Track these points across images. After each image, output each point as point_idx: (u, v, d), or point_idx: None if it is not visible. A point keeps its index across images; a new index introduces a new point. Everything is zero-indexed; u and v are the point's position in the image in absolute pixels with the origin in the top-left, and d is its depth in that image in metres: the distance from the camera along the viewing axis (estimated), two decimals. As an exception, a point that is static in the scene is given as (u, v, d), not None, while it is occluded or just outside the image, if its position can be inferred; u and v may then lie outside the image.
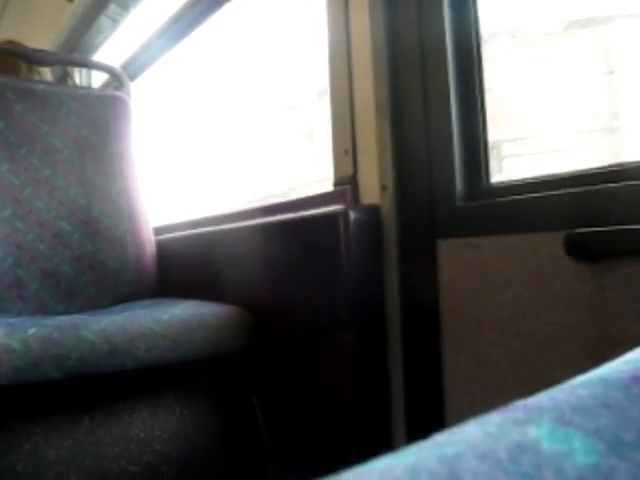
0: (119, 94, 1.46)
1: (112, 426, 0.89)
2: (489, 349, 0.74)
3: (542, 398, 0.20)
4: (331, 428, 0.88)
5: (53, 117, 1.33)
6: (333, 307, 0.86)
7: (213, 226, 1.24)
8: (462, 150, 0.83)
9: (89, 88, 2.02)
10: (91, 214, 1.30)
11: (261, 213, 1.14)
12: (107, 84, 2.06)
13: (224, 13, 1.52)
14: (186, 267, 1.32)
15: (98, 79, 2.36)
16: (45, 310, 1.18)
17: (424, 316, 0.83)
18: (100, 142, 1.37)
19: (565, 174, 0.73)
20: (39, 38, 2.25)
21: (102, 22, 2.18)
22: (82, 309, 1.23)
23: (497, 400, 0.23)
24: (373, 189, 0.90)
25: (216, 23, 1.59)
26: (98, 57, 2.38)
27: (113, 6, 2.09)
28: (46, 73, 1.70)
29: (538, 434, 0.17)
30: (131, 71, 1.84)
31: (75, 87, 1.71)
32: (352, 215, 0.84)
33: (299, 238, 0.94)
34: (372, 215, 0.88)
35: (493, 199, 0.78)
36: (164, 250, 1.38)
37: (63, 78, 2.20)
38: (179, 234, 1.39)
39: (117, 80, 1.54)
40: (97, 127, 1.38)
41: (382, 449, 0.19)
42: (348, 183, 0.94)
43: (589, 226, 0.63)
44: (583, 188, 0.66)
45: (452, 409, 0.79)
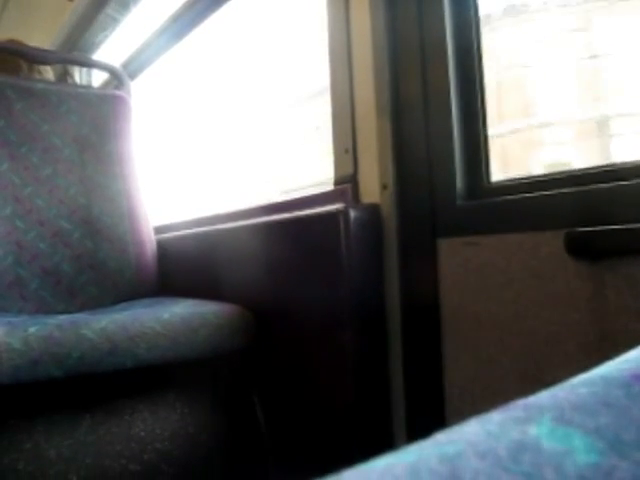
0: (119, 93, 1.46)
1: (113, 425, 0.89)
2: (489, 348, 0.74)
3: (542, 397, 0.20)
4: (332, 427, 0.88)
5: (53, 116, 1.33)
6: (333, 306, 0.86)
7: (213, 225, 1.24)
8: (462, 149, 0.83)
9: (89, 87, 2.02)
10: (91, 213, 1.30)
11: (261, 212, 1.14)
12: (107, 83, 2.06)
13: (225, 11, 1.52)
14: (186, 266, 1.32)
15: (98, 78, 2.35)
16: (45, 309, 1.18)
17: (424, 315, 0.83)
18: (100, 141, 1.37)
19: (566, 173, 0.73)
20: (39, 37, 2.25)
21: (102, 21, 2.18)
22: (82, 308, 1.23)
23: (497, 399, 0.23)
24: (373, 188, 0.90)
25: (217, 22, 1.59)
26: (98, 56, 2.38)
27: (113, 5, 2.09)
28: (47, 72, 1.70)
29: (538, 433, 0.17)
30: (131, 70, 1.84)
31: (75, 86, 1.71)
32: (352, 214, 0.84)
33: (299, 237, 0.94)
34: (372, 214, 0.88)
35: (493, 198, 0.78)
36: (164, 249, 1.38)
37: (63, 77, 2.20)
38: (179, 233, 1.39)
39: (117, 79, 1.54)
40: (97, 126, 1.38)
41: (383, 448, 0.19)
42: (348, 182, 0.94)
43: (590, 225, 0.63)
44: (584, 187, 0.66)
45: (452, 408, 0.79)
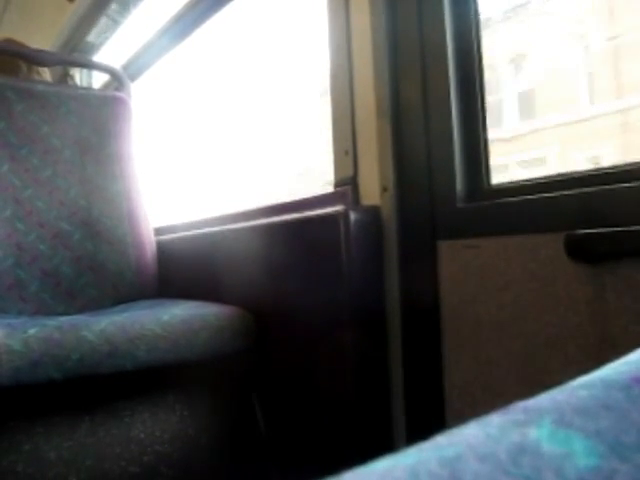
0: (119, 95, 1.46)
1: (112, 427, 0.89)
2: (489, 350, 0.74)
3: (542, 399, 0.20)
4: (331, 429, 0.88)
5: (53, 117, 1.33)
6: (334, 308, 0.86)
7: (213, 227, 1.24)
8: (463, 151, 0.83)
9: (89, 88, 2.02)
10: (91, 215, 1.30)
11: (262, 214, 1.14)
12: (107, 85, 2.07)
13: (226, 13, 1.52)
14: (186, 268, 1.32)
15: (99, 80, 2.36)
16: (45, 311, 1.18)
17: (424, 317, 0.83)
18: (100, 142, 1.37)
19: (565, 175, 0.73)
20: (40, 38, 2.25)
21: (103, 22, 2.18)
22: (82, 310, 1.23)
23: (497, 401, 0.23)
24: (373, 190, 0.90)
25: (217, 23, 1.59)
26: (99, 57, 2.39)
27: (114, 6, 2.09)
28: (45, 73, 1.70)
29: (539, 435, 0.17)
30: (131, 72, 1.84)
31: (75, 87, 1.71)
32: (352, 216, 0.84)
33: (299, 239, 0.94)
34: (372, 216, 0.88)
35: (493, 200, 0.78)
36: (164, 251, 1.38)
37: (64, 78, 2.20)
38: (179, 235, 1.39)
39: (117, 81, 1.54)
40: (97, 127, 1.38)
41: (382, 450, 0.19)
42: (348, 184, 0.94)
43: (590, 227, 0.63)
44: (584, 189, 0.66)
45: (452, 410, 0.79)
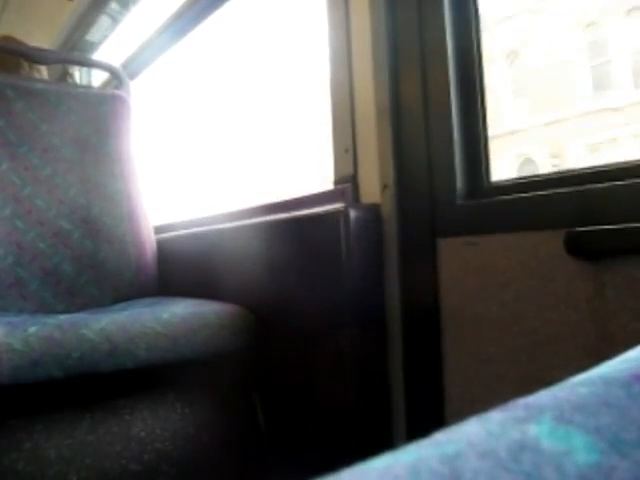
0: (119, 93, 1.46)
1: (113, 425, 0.89)
2: (489, 348, 0.74)
3: (543, 396, 0.20)
4: (331, 427, 0.88)
5: (53, 116, 1.33)
6: (333, 306, 0.86)
7: (213, 225, 1.24)
8: (462, 149, 0.83)
9: (89, 87, 2.02)
10: (91, 213, 1.30)
11: (261, 212, 1.14)
12: (107, 83, 2.06)
13: (225, 11, 1.52)
14: (187, 266, 1.32)
15: (98, 78, 2.36)
16: (45, 309, 1.18)
17: (424, 315, 0.83)
18: (100, 141, 1.37)
19: (566, 172, 0.73)
20: (39, 37, 2.25)
21: (102, 21, 2.18)
22: (82, 308, 1.23)
23: (497, 398, 0.23)
24: (373, 188, 0.90)
25: (217, 21, 1.58)
26: (98, 56, 2.38)
27: (113, 5, 2.09)
28: (43, 71, 1.70)
29: (539, 432, 0.17)
30: (131, 70, 1.84)
31: (75, 86, 1.71)
32: (352, 214, 0.84)
33: (299, 237, 0.94)
34: (372, 214, 0.88)
35: (493, 198, 0.78)
36: (164, 249, 1.38)
37: (63, 77, 2.20)
38: (180, 233, 1.39)
39: (117, 79, 1.54)
40: (97, 126, 1.38)
41: (383, 448, 0.19)
42: (348, 182, 0.94)
43: (590, 225, 0.63)
44: (584, 186, 0.66)
45: (452, 408, 0.79)
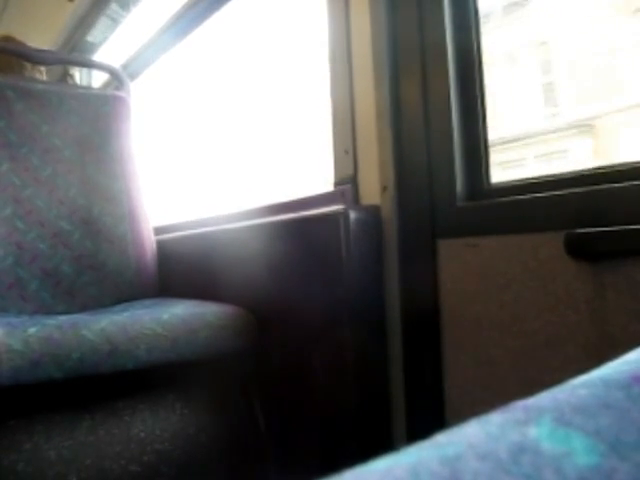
0: (119, 94, 1.46)
1: (112, 426, 0.89)
2: (489, 349, 0.74)
3: (542, 398, 0.20)
4: (331, 428, 0.88)
5: (53, 116, 1.33)
6: (333, 307, 0.86)
7: (213, 226, 1.24)
8: (462, 150, 0.83)
9: (89, 88, 2.02)
10: (91, 213, 1.30)
11: (261, 213, 1.14)
12: (107, 84, 2.07)
13: (225, 12, 1.52)
14: (187, 267, 1.32)
15: (98, 79, 2.36)
16: (45, 310, 1.18)
17: (424, 316, 0.83)
18: (100, 141, 1.37)
19: (565, 174, 0.73)
20: (40, 38, 2.25)
21: (102, 21, 2.18)
22: (82, 309, 1.23)
23: (497, 400, 0.23)
24: (373, 189, 0.90)
25: (217, 22, 1.59)
26: (98, 57, 2.39)
27: (113, 6, 2.09)
28: (43, 72, 1.70)
29: (539, 434, 0.17)
30: (131, 71, 1.84)
31: (75, 86, 1.71)
32: (352, 215, 0.84)
33: (299, 238, 0.94)
34: (372, 215, 0.88)
35: (493, 199, 0.78)
36: (165, 250, 1.38)
37: (63, 78, 2.20)
38: (180, 234, 1.39)
39: (117, 80, 1.54)
40: (97, 126, 1.38)
41: (383, 449, 0.19)
42: (348, 183, 0.94)
43: (589, 226, 0.63)
44: (583, 188, 0.66)
45: (452, 409, 0.79)
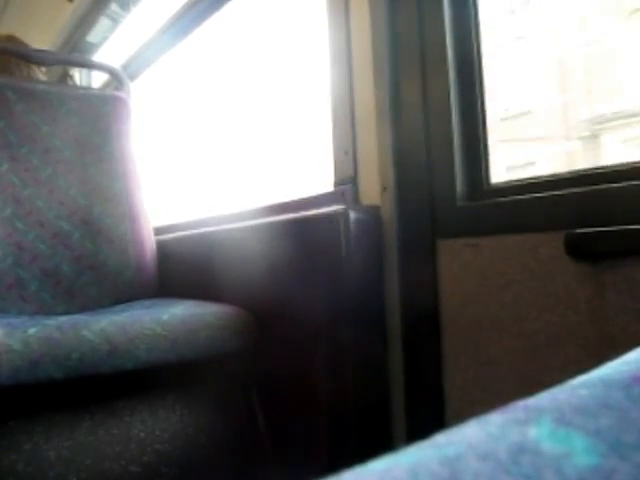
0: (119, 94, 1.46)
1: (112, 426, 0.89)
2: (489, 349, 0.74)
3: (543, 398, 0.20)
4: (331, 428, 0.88)
5: (53, 117, 1.33)
6: (333, 307, 0.86)
7: (213, 226, 1.24)
8: (462, 150, 0.83)
9: (89, 88, 2.02)
10: (91, 214, 1.30)
11: (261, 213, 1.14)
12: (107, 84, 2.07)
13: (225, 12, 1.52)
14: (186, 267, 1.32)
15: (98, 79, 2.36)
16: (45, 310, 1.18)
17: (424, 316, 0.83)
18: (100, 142, 1.37)
19: (565, 174, 0.73)
20: (39, 38, 2.25)
21: (102, 22, 2.18)
22: (82, 309, 1.23)
23: (497, 400, 0.23)
24: (373, 190, 0.90)
25: (217, 22, 1.59)
26: (98, 57, 2.39)
27: (113, 6, 2.09)
28: (43, 73, 1.70)
29: (539, 434, 0.17)
30: (131, 71, 1.84)
31: (75, 87, 1.71)
32: (352, 215, 0.84)
33: (299, 238, 0.94)
34: (372, 215, 0.88)
35: (493, 199, 0.78)
36: (164, 250, 1.38)
37: (63, 78, 2.20)
38: (180, 234, 1.39)
39: (117, 80, 1.54)
40: (97, 127, 1.38)
41: (382, 449, 0.19)
42: (348, 183, 0.94)
43: (589, 226, 0.63)
44: (583, 188, 0.66)
45: (452, 409, 0.79)
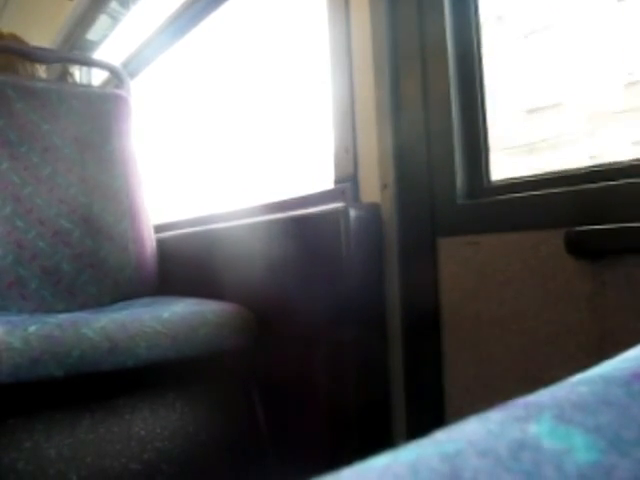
0: (119, 92, 1.46)
1: (113, 424, 0.89)
2: (489, 347, 0.74)
3: (543, 395, 0.20)
4: (331, 426, 0.88)
5: (54, 115, 1.33)
6: (333, 305, 0.86)
7: (213, 224, 1.24)
8: (463, 148, 0.83)
9: (89, 86, 2.02)
10: (92, 212, 1.30)
11: (262, 211, 1.14)
12: (107, 82, 2.06)
13: (225, 10, 1.51)
14: (187, 265, 1.32)
15: (98, 77, 2.35)
16: (46, 308, 1.18)
17: (424, 314, 0.83)
18: (100, 140, 1.37)
19: (565, 172, 0.73)
20: (39, 36, 2.25)
21: (102, 20, 2.18)
22: (83, 307, 1.23)
23: (497, 398, 0.23)
24: (373, 187, 0.90)
25: (217, 20, 1.58)
26: (98, 55, 2.38)
27: (113, 4, 2.09)
28: (43, 71, 1.70)
29: (539, 431, 0.17)
30: (131, 69, 1.84)
31: (75, 85, 1.70)
32: (352, 213, 0.84)
33: (299, 236, 0.94)
34: (372, 213, 0.88)
35: (493, 197, 0.78)
36: (165, 248, 1.38)
37: (63, 76, 2.20)
38: (180, 232, 1.39)
39: (117, 78, 1.54)
40: (98, 125, 1.38)
41: (383, 447, 0.19)
42: (348, 181, 0.94)
43: (589, 224, 0.63)
44: (583, 186, 0.66)
45: (452, 407, 0.79)
